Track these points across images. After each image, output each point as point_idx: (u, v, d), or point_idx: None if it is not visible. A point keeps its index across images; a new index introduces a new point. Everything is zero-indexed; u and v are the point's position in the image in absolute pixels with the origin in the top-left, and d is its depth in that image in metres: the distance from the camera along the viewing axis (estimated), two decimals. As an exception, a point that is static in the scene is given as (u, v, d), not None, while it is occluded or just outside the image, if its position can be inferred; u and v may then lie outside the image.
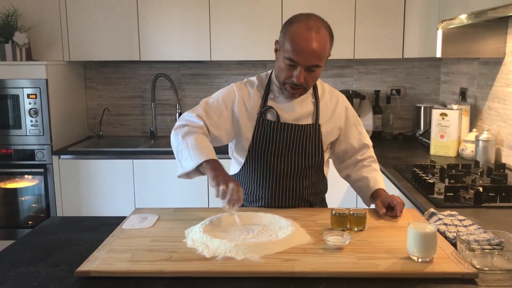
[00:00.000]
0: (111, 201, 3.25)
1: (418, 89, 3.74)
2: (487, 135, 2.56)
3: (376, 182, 1.80)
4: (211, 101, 1.77)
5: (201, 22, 3.33)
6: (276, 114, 1.73)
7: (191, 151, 1.61)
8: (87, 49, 3.40)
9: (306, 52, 1.58)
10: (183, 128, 1.69)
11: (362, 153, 1.89)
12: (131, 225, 1.57)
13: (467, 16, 2.23)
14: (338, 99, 1.85)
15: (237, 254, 1.30)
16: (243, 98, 1.76)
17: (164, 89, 3.78)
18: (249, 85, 1.80)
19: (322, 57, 1.61)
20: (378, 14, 3.27)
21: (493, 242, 1.31)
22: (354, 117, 1.88)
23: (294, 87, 1.66)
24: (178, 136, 1.68)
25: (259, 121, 1.74)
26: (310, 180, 1.83)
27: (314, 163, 1.80)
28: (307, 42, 1.57)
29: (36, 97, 3.17)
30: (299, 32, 1.59)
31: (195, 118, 1.72)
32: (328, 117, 1.80)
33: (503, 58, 2.59)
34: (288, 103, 1.75)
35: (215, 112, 1.74)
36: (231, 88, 1.80)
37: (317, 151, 1.79)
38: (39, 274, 1.28)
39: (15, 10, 3.27)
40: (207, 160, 1.57)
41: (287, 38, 1.62)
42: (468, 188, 2.02)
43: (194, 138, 1.64)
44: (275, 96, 1.76)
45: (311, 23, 1.60)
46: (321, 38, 1.59)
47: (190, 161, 1.60)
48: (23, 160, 3.24)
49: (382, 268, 1.24)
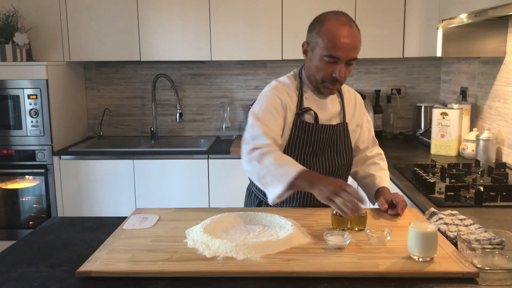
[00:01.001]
0: (112, 202, 3.26)
1: (419, 89, 3.74)
2: (487, 134, 2.56)
3: (381, 180, 1.82)
4: (263, 114, 1.70)
5: (201, 22, 3.33)
6: (314, 115, 1.74)
7: (275, 173, 1.54)
8: (87, 50, 3.40)
9: (346, 46, 1.61)
10: (254, 153, 1.61)
11: (371, 150, 1.92)
12: (132, 226, 1.57)
13: (467, 16, 2.23)
14: (355, 96, 1.89)
15: (237, 254, 1.30)
16: (286, 100, 1.73)
17: (165, 89, 3.78)
18: (285, 86, 1.76)
19: (358, 49, 1.66)
20: (378, 14, 3.27)
21: (494, 242, 1.31)
22: (366, 114, 1.93)
23: (334, 83, 1.68)
24: (253, 162, 1.61)
25: (296, 122, 1.74)
26: (342, 178, 1.84)
27: (345, 161, 1.83)
28: (345, 37, 1.61)
29: (36, 98, 3.18)
30: (335, 29, 1.62)
31: (261, 137, 1.64)
32: (352, 114, 1.85)
33: (503, 57, 2.59)
34: (322, 103, 1.77)
35: (272, 123, 1.69)
36: (272, 93, 1.74)
37: (347, 149, 1.82)
38: (40, 274, 1.28)
39: (16, 11, 3.28)
40: (297, 176, 1.51)
41: (322, 36, 1.63)
42: (469, 188, 2.02)
43: (273, 158, 1.57)
44: (309, 96, 1.77)
45: (343, 19, 1.65)
46: (355, 31, 1.65)
47: (278, 184, 1.53)
48: (24, 161, 3.25)
49: (383, 267, 1.24)
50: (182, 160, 3.20)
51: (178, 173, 3.20)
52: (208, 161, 3.18)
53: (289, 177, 1.50)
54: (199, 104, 3.82)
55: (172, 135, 3.86)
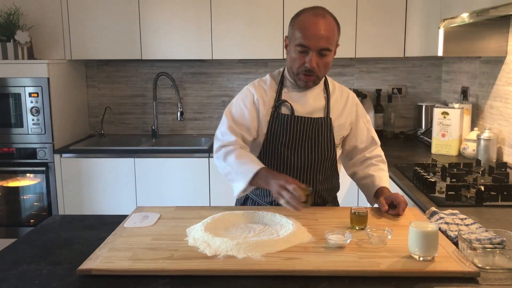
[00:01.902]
0: (113, 200, 3.26)
1: (420, 88, 3.73)
2: (488, 134, 2.56)
3: (380, 180, 1.82)
4: (234, 110, 1.82)
5: (202, 20, 3.33)
6: (290, 107, 1.77)
7: (236, 171, 1.68)
8: (88, 48, 3.40)
9: (315, 35, 1.64)
10: (221, 151, 1.76)
11: (370, 151, 1.91)
12: (133, 224, 1.57)
13: (468, 15, 2.23)
14: (348, 95, 1.89)
15: (238, 253, 1.31)
16: (260, 94, 1.80)
17: (166, 88, 3.78)
18: (262, 82, 1.85)
19: (331, 40, 1.67)
20: (380, 13, 3.27)
21: (495, 241, 1.31)
22: (363, 114, 1.91)
23: (308, 74, 1.70)
24: (219, 160, 1.75)
25: (273, 115, 1.78)
26: (323, 175, 1.84)
27: (327, 157, 1.82)
28: (315, 26, 1.65)
29: (37, 96, 3.18)
30: (307, 19, 1.67)
31: (227, 134, 1.77)
32: (340, 112, 1.84)
33: (504, 57, 2.59)
34: (302, 97, 1.79)
35: (241, 119, 1.79)
36: (246, 90, 1.84)
37: (330, 145, 1.82)
38: (41, 272, 1.28)
39: (17, 9, 3.28)
40: (255, 174, 1.62)
41: (296, 27, 1.69)
42: (470, 187, 2.02)
43: (235, 157, 1.69)
44: (289, 90, 1.80)
45: (317, 11, 1.69)
46: (328, 22, 1.67)
47: (240, 181, 1.66)
48: (25, 159, 3.25)
49: (383, 266, 1.24)
50: (183, 159, 3.20)
51: (179, 172, 3.20)
52: (209, 159, 3.18)
53: (248, 175, 1.63)
54: (200, 103, 3.82)
55: (173, 133, 3.86)
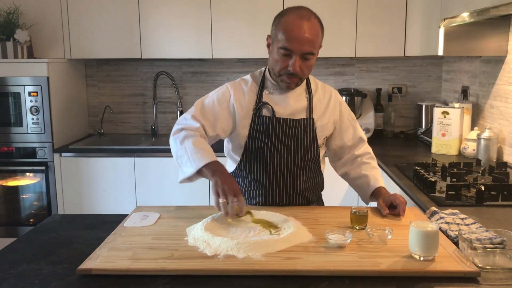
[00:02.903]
0: (113, 199, 3.26)
1: (420, 87, 3.73)
2: (489, 134, 2.56)
3: (376, 181, 1.80)
4: (206, 102, 1.79)
5: (202, 19, 3.32)
6: (271, 109, 1.75)
7: (190, 156, 1.62)
8: (88, 47, 3.39)
9: (300, 39, 1.61)
10: (180, 133, 1.71)
11: (358, 148, 1.89)
12: (133, 223, 1.57)
13: (469, 14, 2.22)
14: (331, 94, 1.86)
15: (238, 252, 1.30)
16: (238, 96, 1.78)
17: (166, 87, 3.78)
18: (243, 83, 1.82)
19: (315, 44, 1.65)
20: (380, 12, 3.27)
21: (495, 241, 1.31)
22: (348, 112, 1.89)
23: (291, 76, 1.68)
24: (176, 141, 1.70)
25: (254, 117, 1.76)
26: (307, 176, 1.83)
27: (310, 157, 1.80)
28: (300, 29, 1.61)
29: (37, 95, 3.17)
30: (291, 21, 1.63)
31: (191, 120, 1.74)
32: (322, 111, 1.82)
33: (505, 56, 2.58)
34: (283, 99, 1.77)
35: (210, 113, 1.76)
36: (225, 87, 1.81)
37: (313, 146, 1.80)
38: (41, 272, 1.28)
39: (16, 8, 3.27)
40: (207, 164, 1.59)
41: (280, 29, 1.65)
42: (470, 187, 2.02)
43: (192, 142, 1.65)
44: (270, 92, 1.78)
45: (302, 13, 1.65)
46: (313, 26, 1.63)
47: (190, 167, 1.61)
48: (24, 158, 3.25)
49: (384, 266, 1.24)
50: (182, 158, 3.19)
51: (179, 171, 3.19)
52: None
53: (200, 164, 1.59)
54: (200, 102, 3.81)
55: (172, 133, 3.85)
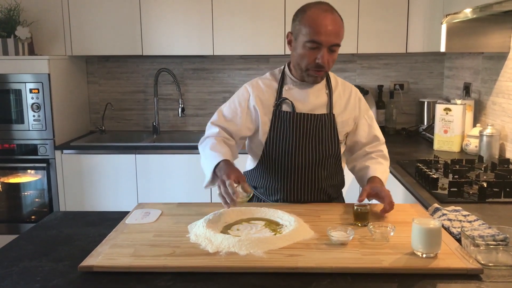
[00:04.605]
0: (114, 196, 3.26)
1: (422, 84, 3.72)
2: (491, 130, 2.55)
3: (374, 171, 1.78)
4: (227, 106, 1.84)
5: (203, 16, 3.32)
6: (291, 105, 1.76)
7: (207, 160, 1.68)
8: (89, 44, 3.39)
9: (327, 31, 1.63)
10: (204, 142, 1.79)
11: (372, 146, 1.89)
12: (134, 220, 1.57)
13: (471, 10, 2.21)
14: (351, 90, 1.88)
15: (240, 249, 1.30)
16: (257, 94, 1.79)
17: (167, 84, 3.77)
18: (261, 80, 1.83)
19: (340, 36, 1.67)
20: (382, 8, 3.25)
21: (498, 238, 1.30)
22: (366, 109, 1.90)
23: (318, 69, 1.69)
24: (200, 150, 1.79)
25: (275, 113, 1.77)
26: (328, 171, 1.83)
27: (331, 153, 1.80)
28: (326, 22, 1.64)
29: (38, 92, 3.17)
30: (317, 15, 1.65)
31: (211, 127, 1.81)
32: (343, 107, 1.82)
33: (507, 52, 2.57)
34: (303, 94, 1.78)
35: (232, 115, 1.80)
36: (244, 88, 1.84)
37: (333, 141, 1.80)
38: (42, 269, 1.28)
39: (17, 5, 3.27)
40: (217, 164, 1.62)
41: (305, 23, 1.66)
42: (472, 184, 2.01)
43: (210, 147, 1.72)
44: (290, 88, 1.79)
45: (325, 7, 1.68)
46: (336, 18, 1.67)
47: (207, 170, 1.66)
48: (26, 155, 3.25)
49: (386, 263, 1.24)
50: (184, 155, 3.19)
51: (180, 168, 3.19)
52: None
53: (213, 164, 1.64)
54: (201, 99, 3.81)
55: (174, 129, 3.86)
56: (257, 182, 1.87)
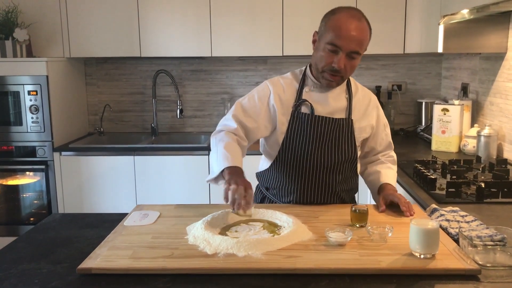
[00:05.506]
0: (113, 198, 3.26)
1: (420, 85, 3.73)
2: (488, 131, 2.55)
3: (386, 177, 1.81)
4: (247, 100, 1.80)
5: (201, 18, 3.32)
6: (310, 107, 1.75)
7: (218, 157, 1.64)
8: (87, 46, 3.39)
9: (348, 37, 1.62)
10: (219, 134, 1.74)
11: (384, 153, 1.92)
12: (133, 222, 1.57)
13: (469, 11, 2.22)
14: (370, 98, 1.88)
15: (238, 251, 1.30)
16: (278, 92, 1.78)
17: (165, 85, 3.78)
18: (283, 80, 1.82)
19: (362, 44, 1.66)
20: (379, 9, 3.26)
21: (496, 238, 1.31)
22: (383, 117, 1.91)
23: (334, 73, 1.68)
24: (213, 142, 1.73)
25: (293, 114, 1.76)
26: (342, 176, 1.82)
27: (347, 158, 1.79)
28: (350, 27, 1.62)
29: (36, 94, 3.17)
30: (342, 19, 1.64)
31: (231, 121, 1.76)
32: (361, 114, 1.82)
33: (505, 53, 2.58)
34: (323, 97, 1.77)
35: (252, 110, 1.77)
36: (265, 84, 1.82)
37: (351, 146, 1.79)
38: (41, 271, 1.28)
39: (15, 7, 3.27)
40: (229, 167, 1.58)
41: (329, 26, 1.65)
42: (470, 184, 2.02)
43: (224, 145, 1.66)
44: (310, 90, 1.78)
45: (353, 12, 1.67)
46: (362, 26, 1.65)
47: (216, 167, 1.62)
48: (24, 157, 3.24)
49: (384, 264, 1.24)
50: (182, 156, 3.19)
51: (179, 169, 3.19)
52: (208, 157, 3.18)
53: (224, 165, 1.59)
54: (200, 100, 3.81)
55: (172, 131, 3.86)
56: (270, 183, 1.86)
